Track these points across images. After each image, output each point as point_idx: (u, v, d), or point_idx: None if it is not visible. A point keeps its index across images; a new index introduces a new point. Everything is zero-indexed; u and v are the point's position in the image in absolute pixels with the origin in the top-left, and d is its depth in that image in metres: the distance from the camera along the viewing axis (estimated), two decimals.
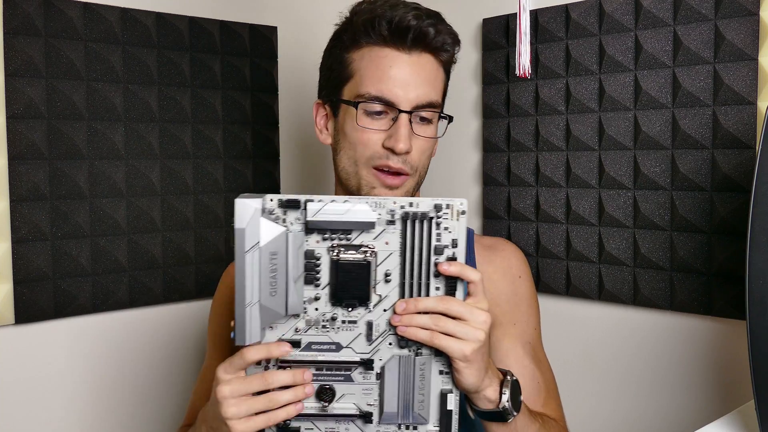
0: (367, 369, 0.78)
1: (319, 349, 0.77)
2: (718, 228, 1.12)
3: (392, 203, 0.75)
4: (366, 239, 0.75)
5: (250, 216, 0.73)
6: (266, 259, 0.74)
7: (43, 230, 1.24)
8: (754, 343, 0.74)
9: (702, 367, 1.17)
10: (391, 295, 0.77)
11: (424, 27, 0.95)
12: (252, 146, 1.51)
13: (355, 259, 0.76)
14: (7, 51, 1.20)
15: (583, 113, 1.27)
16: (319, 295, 0.76)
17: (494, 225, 1.42)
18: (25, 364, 1.25)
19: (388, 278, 0.76)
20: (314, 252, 0.75)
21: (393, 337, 0.77)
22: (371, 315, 0.77)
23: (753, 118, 1.08)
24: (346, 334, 0.77)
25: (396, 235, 0.76)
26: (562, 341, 1.34)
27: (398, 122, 0.94)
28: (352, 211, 0.74)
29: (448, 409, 0.79)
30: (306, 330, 0.77)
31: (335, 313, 0.77)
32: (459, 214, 0.75)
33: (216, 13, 1.46)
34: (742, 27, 1.08)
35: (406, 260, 0.76)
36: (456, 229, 0.76)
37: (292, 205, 0.74)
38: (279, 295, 0.75)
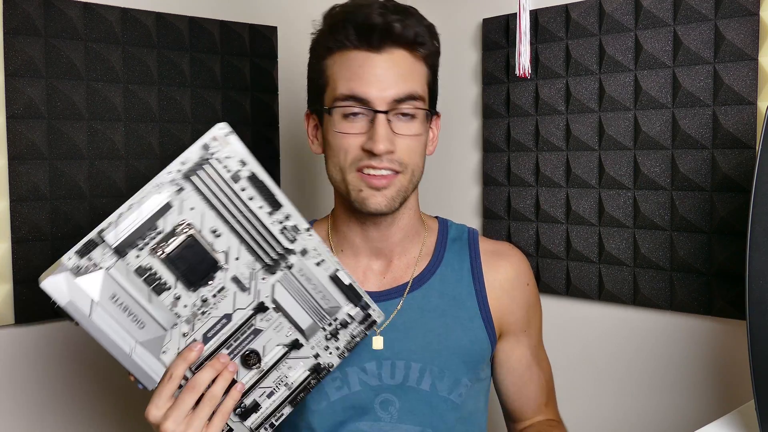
0: (263, 312, 0.80)
1: (215, 332, 0.79)
2: (718, 228, 1.12)
3: (167, 173, 0.74)
4: (174, 220, 0.75)
5: (65, 287, 0.71)
6: (111, 306, 0.73)
7: (43, 230, 1.24)
8: (754, 343, 0.74)
9: (702, 367, 1.17)
10: (231, 243, 0.77)
11: (390, 22, 0.93)
12: (252, 146, 1.51)
13: (180, 242, 0.75)
14: (7, 51, 1.20)
15: (583, 113, 1.27)
16: (177, 294, 0.76)
17: (494, 225, 1.42)
18: (25, 364, 1.25)
19: (217, 234, 0.76)
20: (142, 266, 0.75)
21: (261, 271, 0.78)
22: (230, 272, 0.77)
23: (753, 118, 1.08)
24: (225, 302, 0.78)
25: (192, 195, 0.75)
26: (562, 341, 1.34)
27: (375, 123, 0.92)
28: (144, 209, 0.73)
29: (347, 284, 0.81)
30: (192, 328, 0.78)
31: (201, 295, 0.77)
32: (226, 136, 0.75)
33: (216, 13, 1.46)
34: (742, 27, 1.08)
35: (218, 207, 0.76)
36: (234, 152, 0.75)
37: (89, 246, 0.73)
38: (148, 324, 0.75)
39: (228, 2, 1.48)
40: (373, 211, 0.95)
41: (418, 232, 1.06)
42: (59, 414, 1.30)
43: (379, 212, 0.96)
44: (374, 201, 0.95)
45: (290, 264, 0.79)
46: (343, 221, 1.04)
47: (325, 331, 0.82)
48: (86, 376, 1.33)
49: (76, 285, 0.72)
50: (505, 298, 1.03)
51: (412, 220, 1.04)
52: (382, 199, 0.95)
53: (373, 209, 0.95)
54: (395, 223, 1.02)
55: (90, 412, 1.33)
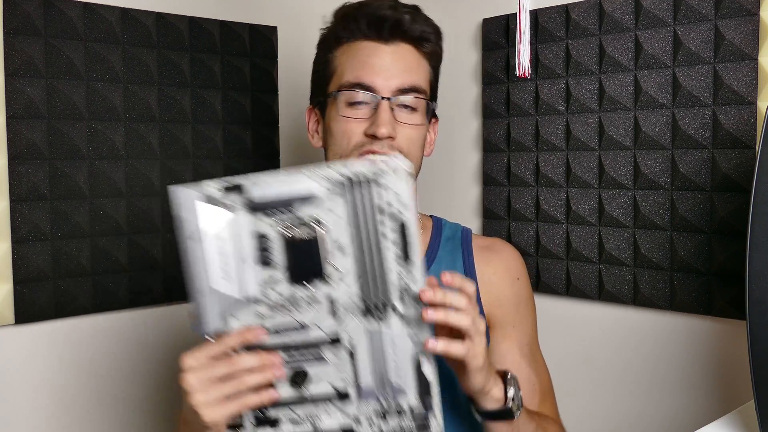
0: (336, 345, 0.76)
1: (286, 333, 0.76)
2: (718, 228, 1.12)
3: (327, 168, 0.73)
4: (314, 212, 0.73)
5: (190, 202, 0.72)
6: (212, 243, 0.72)
7: (43, 230, 1.24)
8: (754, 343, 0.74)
9: (702, 367, 1.17)
10: (348, 265, 0.74)
11: (400, 16, 0.97)
12: (252, 146, 1.51)
13: (305, 235, 0.74)
14: (7, 51, 1.20)
15: (583, 113, 1.27)
16: (275, 276, 0.74)
17: (494, 225, 1.42)
18: (25, 364, 1.25)
19: (342, 249, 0.74)
20: (262, 232, 0.73)
21: (357, 309, 0.75)
22: (332, 290, 0.75)
23: (753, 118, 1.08)
24: (310, 312, 0.75)
25: (340, 203, 0.73)
26: (562, 341, 1.34)
27: (379, 108, 0.95)
28: (290, 183, 0.73)
29: (424, 372, 0.76)
30: (269, 314, 0.75)
31: (295, 292, 0.75)
32: (400, 171, 0.73)
33: (216, 13, 1.46)
34: (742, 27, 1.08)
35: (357, 228, 0.74)
36: (400, 187, 0.73)
37: (231, 188, 0.73)
38: (233, 279, 0.73)
39: (228, 2, 1.48)
40: None
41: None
42: (59, 414, 1.30)
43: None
44: None
45: (389, 322, 0.75)
46: None
47: (379, 403, 0.77)
48: (86, 376, 1.33)
49: (195, 206, 0.72)
50: (494, 290, 1.04)
51: None
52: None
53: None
54: None
55: (90, 411, 1.33)
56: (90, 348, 1.33)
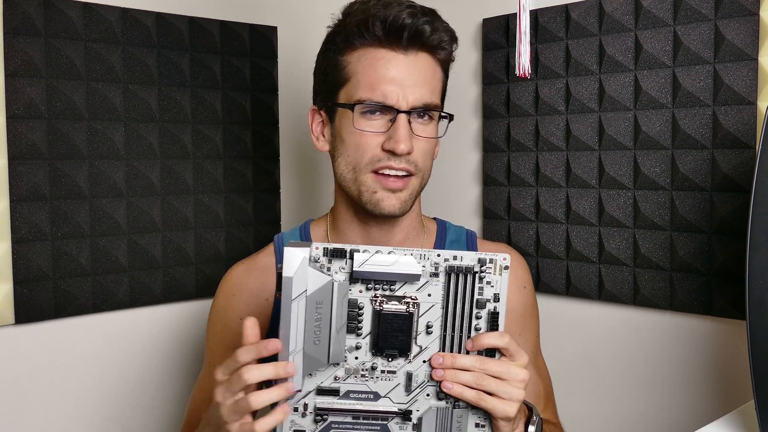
0: (404, 420, 0.78)
1: (357, 398, 0.77)
2: (718, 228, 1.12)
3: (436, 256, 0.75)
4: (409, 290, 0.76)
5: (298, 264, 0.73)
6: (312, 308, 0.74)
7: (43, 230, 1.24)
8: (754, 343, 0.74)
9: (702, 367, 1.17)
10: (431, 347, 0.77)
11: (419, 25, 0.93)
12: (252, 146, 1.51)
13: (398, 310, 0.76)
14: (7, 51, 1.20)
15: (583, 113, 1.27)
16: (359, 344, 0.76)
17: (494, 225, 1.42)
18: (25, 364, 1.25)
19: (429, 330, 0.76)
20: (357, 301, 0.75)
21: (432, 388, 0.78)
22: (410, 366, 0.77)
23: (753, 118, 1.08)
24: (385, 383, 0.77)
25: (439, 288, 0.76)
26: (562, 341, 1.34)
27: (397, 123, 0.92)
28: (398, 264, 0.74)
29: None
30: (345, 378, 0.77)
31: (375, 362, 0.77)
32: (502, 269, 0.76)
33: (216, 13, 1.46)
34: (742, 27, 1.08)
35: (448, 313, 0.76)
36: (498, 284, 0.76)
37: (337, 254, 0.74)
38: (322, 344, 0.75)
39: (228, 2, 1.48)
40: (386, 214, 0.95)
41: (418, 233, 1.06)
42: (59, 414, 1.30)
43: (393, 214, 0.95)
44: (389, 203, 0.94)
45: (458, 404, 0.78)
46: (343, 220, 1.03)
47: None
48: (86, 376, 1.33)
49: (306, 269, 0.73)
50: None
51: (413, 222, 1.04)
52: (396, 202, 0.95)
53: (387, 212, 0.95)
54: (398, 224, 1.02)
55: (90, 412, 1.33)
56: (90, 348, 1.33)
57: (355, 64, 0.95)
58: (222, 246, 1.47)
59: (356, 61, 0.95)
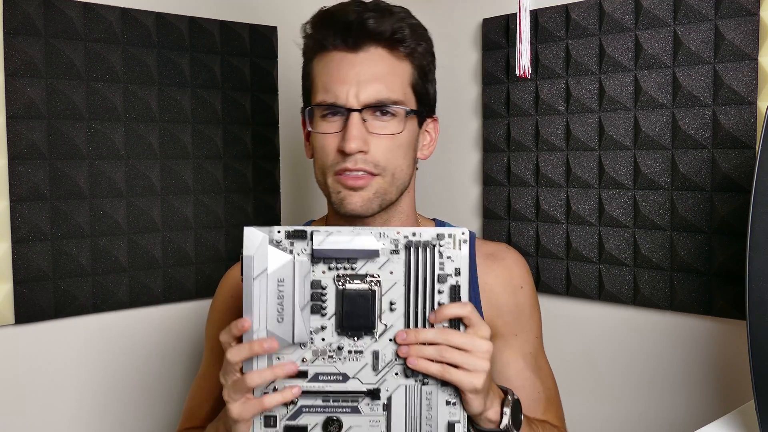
0: (373, 399, 0.79)
1: (326, 380, 0.78)
2: (718, 228, 1.12)
3: (395, 233, 0.76)
4: (371, 269, 0.77)
5: (258, 244, 0.75)
6: (273, 286, 0.76)
7: (43, 230, 1.24)
8: (754, 343, 0.74)
9: (702, 367, 1.17)
10: (396, 324, 0.78)
11: (364, 19, 0.92)
12: (252, 146, 1.51)
13: (360, 289, 0.77)
14: (7, 51, 1.20)
15: (583, 113, 1.27)
16: (325, 325, 0.77)
17: (494, 225, 1.42)
18: (25, 364, 1.25)
19: (393, 307, 0.77)
20: (320, 282, 0.77)
21: (399, 366, 0.78)
22: (377, 344, 0.78)
23: (753, 118, 1.08)
24: (353, 364, 0.78)
25: (400, 265, 0.77)
26: (562, 341, 1.34)
27: (348, 122, 0.91)
28: (356, 241, 0.76)
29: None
30: (313, 360, 0.78)
31: (341, 342, 0.78)
32: (461, 243, 0.77)
33: (216, 13, 1.46)
34: (742, 27, 1.08)
35: (410, 289, 0.77)
36: (458, 258, 0.77)
37: (298, 235, 0.76)
38: (286, 323, 0.76)
39: (228, 2, 1.48)
40: (350, 213, 0.94)
41: None
42: (59, 414, 1.30)
43: (356, 214, 0.94)
44: (350, 201, 0.93)
45: (426, 381, 0.78)
46: (334, 223, 1.03)
47: None
48: (86, 376, 1.33)
49: (266, 248, 0.75)
50: (496, 300, 1.02)
51: (405, 224, 1.02)
52: (359, 200, 0.93)
53: (349, 210, 0.94)
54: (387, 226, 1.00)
55: (90, 411, 1.33)
56: (90, 348, 1.33)
57: (316, 70, 0.97)
58: (222, 246, 1.47)
59: (317, 67, 0.97)
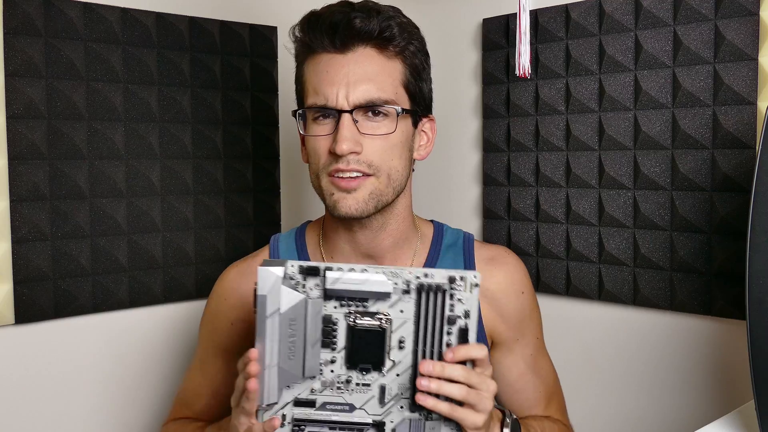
0: (379, 431, 0.80)
1: (333, 409, 0.80)
2: (718, 228, 1.12)
3: (408, 273, 0.77)
4: (382, 307, 0.78)
5: (272, 283, 0.76)
6: (286, 324, 0.77)
7: (43, 230, 1.24)
8: (754, 343, 0.74)
9: (702, 367, 1.17)
10: (404, 360, 0.79)
11: (350, 19, 0.91)
12: (252, 146, 1.51)
13: (371, 326, 0.78)
14: (7, 51, 1.20)
15: (583, 113, 1.27)
16: (335, 358, 0.79)
17: (494, 225, 1.42)
18: (25, 364, 1.25)
19: (401, 345, 0.79)
20: (331, 317, 0.78)
21: (405, 401, 0.80)
22: (384, 379, 0.79)
23: (753, 118, 1.08)
24: (360, 396, 0.80)
25: (411, 304, 0.78)
26: (562, 341, 1.34)
27: (339, 123, 0.91)
28: (369, 282, 0.77)
29: None
30: (321, 390, 0.79)
31: (350, 375, 0.79)
32: (472, 287, 0.78)
33: (216, 13, 1.46)
34: (742, 27, 1.08)
35: (419, 328, 0.78)
36: (468, 301, 0.78)
37: (311, 272, 0.77)
38: (297, 358, 0.78)
39: (228, 2, 1.48)
40: (343, 215, 0.93)
41: (409, 238, 1.04)
42: (59, 414, 1.30)
43: (350, 216, 0.93)
44: (344, 204, 0.93)
45: (430, 416, 0.80)
46: (330, 227, 1.03)
47: None
48: (86, 376, 1.33)
49: (279, 288, 0.76)
50: (498, 306, 1.02)
51: (401, 226, 1.02)
52: (353, 202, 0.93)
53: (343, 213, 0.93)
54: (383, 229, 1.00)
55: (90, 411, 1.33)
56: (90, 348, 1.33)
57: (307, 74, 0.97)
58: (222, 246, 1.47)
59: (307, 70, 0.97)
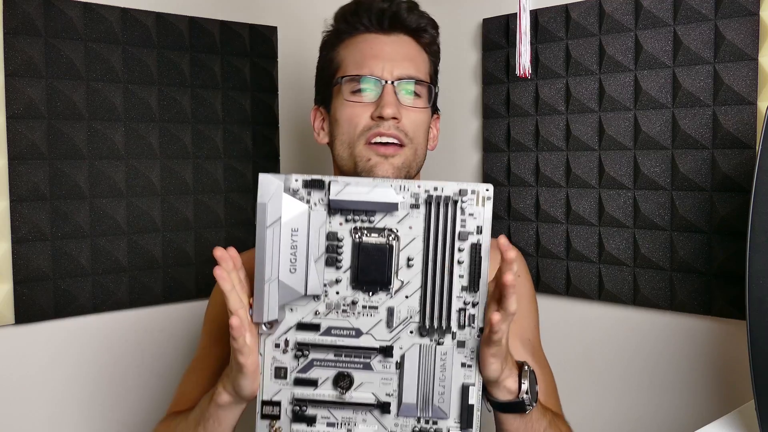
0: (386, 356, 0.76)
1: (338, 334, 0.76)
2: (718, 228, 1.12)
3: (416, 186, 0.74)
4: (389, 223, 0.74)
5: (273, 191, 0.73)
6: (287, 235, 0.73)
7: (43, 230, 1.24)
8: (754, 343, 0.74)
9: (702, 367, 1.17)
10: (413, 281, 0.75)
11: (396, 9, 1.02)
12: (252, 146, 1.51)
13: (378, 242, 0.74)
14: (7, 51, 1.20)
15: (583, 113, 1.27)
16: (340, 278, 0.75)
17: (494, 225, 1.42)
18: (25, 364, 1.25)
19: (410, 263, 0.75)
20: (336, 233, 0.74)
21: (414, 324, 0.76)
22: (392, 301, 0.75)
23: (753, 118, 1.08)
24: (367, 320, 0.76)
25: (420, 220, 0.74)
26: (562, 341, 1.34)
27: (384, 91, 0.98)
28: (375, 192, 0.73)
29: (470, 404, 0.76)
30: (326, 314, 0.76)
31: (356, 297, 0.75)
32: (485, 200, 0.74)
33: (216, 13, 1.46)
34: (742, 27, 1.08)
35: (429, 245, 0.74)
36: (481, 216, 0.74)
37: (315, 185, 0.74)
38: (299, 273, 0.74)
39: (228, 2, 1.48)
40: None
41: None
42: (59, 413, 1.30)
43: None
44: (382, 167, 0.98)
45: (441, 342, 0.76)
46: None
47: (418, 423, 0.77)
48: (86, 376, 1.33)
49: (281, 196, 0.73)
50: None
51: None
52: (389, 167, 0.98)
53: (380, 175, 0.98)
54: None
55: (89, 411, 1.33)
56: (90, 348, 1.33)
57: (344, 52, 1.04)
58: (222, 246, 1.46)
59: (344, 49, 1.04)
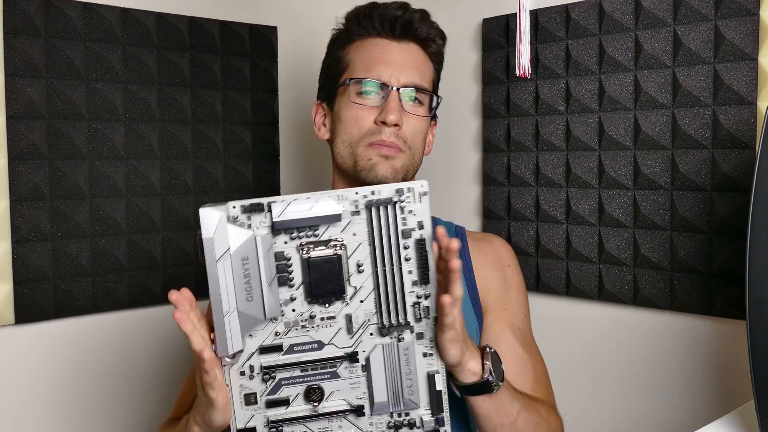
0: (352, 362, 0.78)
1: (301, 350, 0.77)
2: (718, 228, 1.12)
3: (354, 193, 0.75)
4: (333, 233, 0.76)
5: (216, 224, 0.73)
6: (239, 265, 0.74)
7: (43, 230, 1.24)
8: (754, 343, 0.74)
9: (702, 367, 1.17)
10: (365, 284, 0.77)
11: (410, 17, 1.04)
12: (252, 146, 1.51)
13: (326, 255, 0.76)
14: (7, 51, 1.20)
15: (583, 113, 1.27)
16: (294, 296, 0.76)
17: (494, 225, 1.42)
18: (25, 364, 1.25)
19: (360, 269, 0.76)
20: (284, 253, 0.75)
21: (374, 326, 0.78)
22: (349, 308, 0.77)
23: (753, 118, 1.08)
24: (326, 330, 0.77)
25: (363, 225, 0.76)
26: (562, 341, 1.34)
27: (389, 97, 1.01)
28: (316, 207, 0.75)
29: (438, 390, 0.79)
30: (286, 333, 0.77)
31: (313, 311, 0.77)
32: (420, 196, 0.76)
33: (216, 13, 1.46)
34: (742, 27, 1.08)
35: (375, 248, 0.76)
36: (420, 211, 0.76)
37: (255, 209, 0.74)
38: (255, 300, 0.75)
39: (228, 2, 1.48)
40: (380, 178, 1.00)
41: None
42: (59, 413, 1.30)
43: (385, 179, 1.00)
44: (383, 167, 1.00)
45: (402, 338, 0.78)
46: None
47: (392, 418, 0.80)
48: (86, 376, 1.33)
49: (225, 228, 0.73)
50: (486, 276, 1.07)
51: None
52: (389, 168, 1.00)
53: (380, 175, 1.00)
54: None
55: (89, 411, 1.33)
56: (90, 348, 1.33)
57: (353, 53, 1.06)
58: None
59: (354, 50, 1.06)
